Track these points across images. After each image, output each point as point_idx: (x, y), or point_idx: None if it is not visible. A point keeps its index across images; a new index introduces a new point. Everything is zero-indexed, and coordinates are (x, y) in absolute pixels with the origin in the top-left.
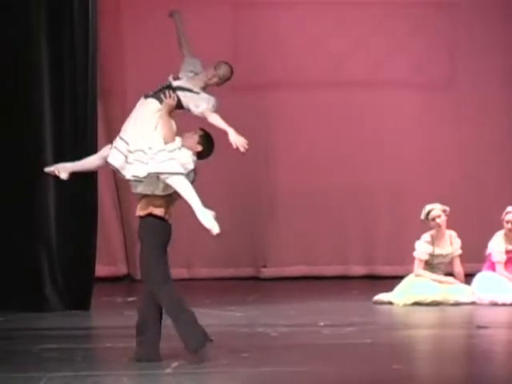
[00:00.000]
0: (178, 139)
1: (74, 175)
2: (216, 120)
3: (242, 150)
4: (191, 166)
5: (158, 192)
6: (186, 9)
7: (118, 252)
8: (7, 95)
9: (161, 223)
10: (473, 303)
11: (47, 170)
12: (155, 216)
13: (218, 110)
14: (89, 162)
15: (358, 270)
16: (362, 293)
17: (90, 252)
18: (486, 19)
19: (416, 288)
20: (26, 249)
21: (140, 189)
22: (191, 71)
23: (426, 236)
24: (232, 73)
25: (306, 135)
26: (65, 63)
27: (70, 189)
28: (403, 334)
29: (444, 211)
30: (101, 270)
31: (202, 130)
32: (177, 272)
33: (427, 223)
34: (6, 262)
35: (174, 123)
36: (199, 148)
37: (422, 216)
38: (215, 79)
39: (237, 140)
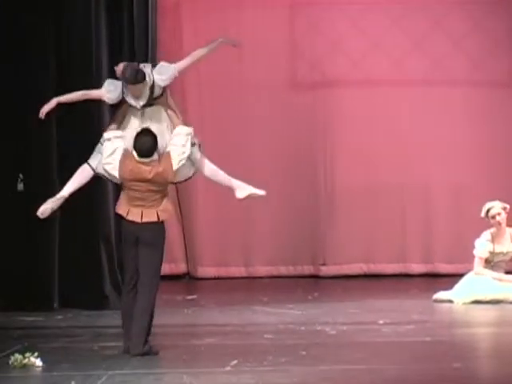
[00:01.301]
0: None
1: None
2: (197, 52)
3: (236, 43)
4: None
5: None
6: (244, 10)
7: (178, 250)
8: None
9: None
10: None
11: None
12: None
13: None
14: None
15: (418, 268)
16: (422, 291)
17: None
18: None
19: (476, 286)
20: (85, 247)
21: None
22: None
23: (486, 234)
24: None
25: (364, 133)
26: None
27: None
28: (463, 333)
29: (504, 209)
30: None
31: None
32: (236, 270)
33: (487, 221)
34: (66, 261)
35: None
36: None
37: (482, 214)
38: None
39: (229, 40)
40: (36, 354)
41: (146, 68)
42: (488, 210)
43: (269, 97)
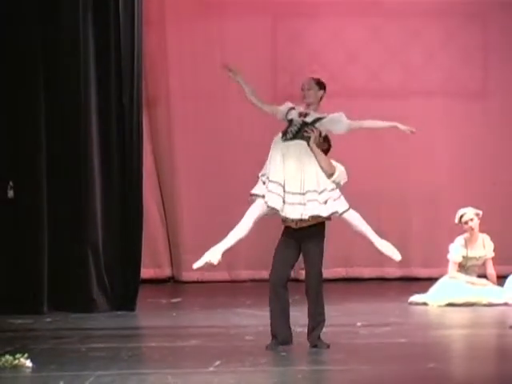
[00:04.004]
0: (334, 162)
1: (120, 178)
2: (373, 123)
3: (414, 131)
4: (346, 176)
5: None
6: (227, 21)
7: (163, 255)
8: (57, 106)
9: None
10: (505, 304)
11: (197, 266)
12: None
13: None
14: (241, 231)
15: (394, 271)
16: (398, 294)
17: (136, 255)
18: None
19: (450, 289)
20: (73, 252)
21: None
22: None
23: (460, 239)
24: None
25: (342, 142)
26: (111, 74)
27: (116, 193)
28: (438, 334)
29: (477, 215)
30: (146, 272)
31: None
32: (219, 275)
33: (461, 227)
34: (54, 265)
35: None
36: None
37: (456, 220)
38: (322, 95)
39: (406, 128)
40: (26, 355)
41: None
42: (461, 217)
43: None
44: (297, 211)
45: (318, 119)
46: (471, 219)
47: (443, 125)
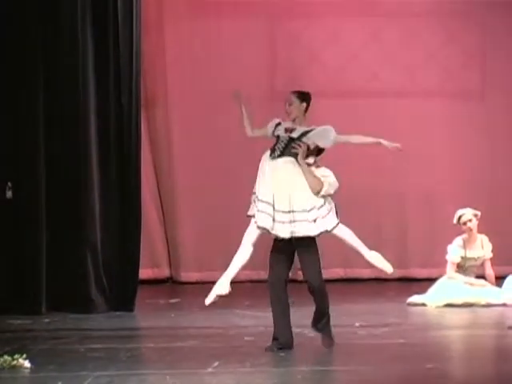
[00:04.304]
0: (324, 171)
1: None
2: (359, 138)
3: (400, 148)
4: (337, 184)
5: None
6: (225, 21)
7: (161, 255)
8: (56, 106)
9: None
10: (503, 305)
11: (209, 302)
12: None
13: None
14: (243, 258)
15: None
16: (397, 295)
17: (134, 255)
18: None
19: (448, 290)
20: (72, 252)
21: None
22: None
23: (458, 240)
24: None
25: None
26: (110, 76)
27: (115, 193)
28: (436, 335)
29: (475, 216)
30: (144, 272)
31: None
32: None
33: (459, 227)
34: (53, 265)
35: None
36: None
37: (455, 220)
38: (305, 107)
39: (393, 145)
40: (24, 355)
41: None
42: (460, 217)
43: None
44: (286, 230)
45: (305, 133)
46: (470, 220)
47: (442, 125)
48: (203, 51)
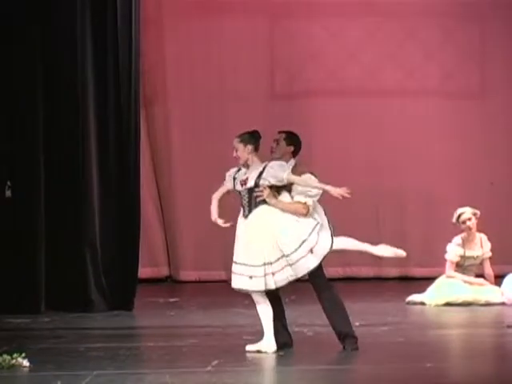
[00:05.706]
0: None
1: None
2: (305, 181)
3: (347, 196)
4: (315, 191)
5: None
6: (225, 21)
7: (160, 254)
8: (55, 106)
9: None
10: (502, 304)
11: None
12: None
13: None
14: (270, 312)
15: (392, 271)
16: (396, 294)
17: (134, 254)
18: None
19: (447, 289)
20: (71, 251)
21: None
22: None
23: (458, 239)
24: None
25: (340, 141)
26: (109, 74)
27: (114, 193)
28: (435, 334)
29: (474, 214)
30: (143, 271)
31: (280, 133)
32: (216, 274)
33: (458, 226)
34: (52, 265)
35: (285, 194)
36: (292, 149)
37: (454, 219)
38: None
39: (338, 191)
40: (23, 354)
41: None
42: (459, 216)
43: (248, 107)
44: (285, 274)
45: (258, 177)
46: (469, 219)
47: (441, 124)
48: (202, 50)
